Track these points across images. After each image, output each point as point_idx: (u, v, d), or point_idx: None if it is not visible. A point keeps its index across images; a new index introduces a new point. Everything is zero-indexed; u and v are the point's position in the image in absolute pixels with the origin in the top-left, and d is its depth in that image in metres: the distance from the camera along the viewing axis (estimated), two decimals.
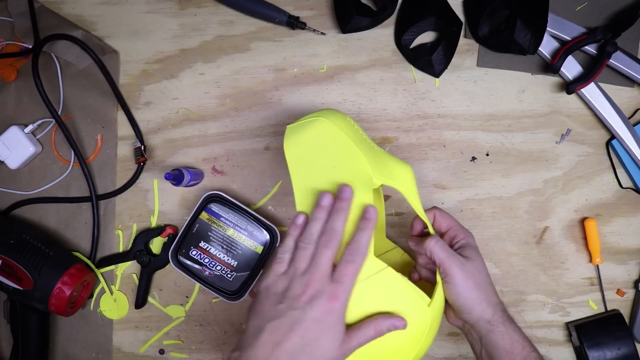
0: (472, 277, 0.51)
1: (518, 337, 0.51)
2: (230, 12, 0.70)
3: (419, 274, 0.58)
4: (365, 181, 0.51)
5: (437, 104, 0.69)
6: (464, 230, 0.56)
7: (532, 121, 0.69)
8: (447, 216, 0.57)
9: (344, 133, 0.53)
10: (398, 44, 0.70)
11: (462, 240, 0.55)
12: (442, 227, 0.57)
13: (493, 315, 0.51)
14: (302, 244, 0.48)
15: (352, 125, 0.55)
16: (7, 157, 0.68)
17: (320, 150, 0.53)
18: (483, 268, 0.54)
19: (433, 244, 0.52)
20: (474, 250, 0.54)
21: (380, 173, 0.52)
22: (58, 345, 0.69)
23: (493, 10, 0.67)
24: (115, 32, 0.71)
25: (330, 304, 0.45)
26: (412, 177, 0.55)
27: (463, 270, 0.51)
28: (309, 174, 0.52)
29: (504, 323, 0.51)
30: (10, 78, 0.70)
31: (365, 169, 0.52)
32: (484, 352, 0.52)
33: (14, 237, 0.63)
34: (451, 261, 0.51)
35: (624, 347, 0.64)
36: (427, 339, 0.51)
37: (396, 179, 0.53)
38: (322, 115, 0.54)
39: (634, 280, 0.69)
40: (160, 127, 0.70)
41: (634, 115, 0.69)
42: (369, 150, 0.53)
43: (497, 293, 0.54)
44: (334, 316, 0.45)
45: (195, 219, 0.65)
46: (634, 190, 0.69)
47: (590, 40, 0.65)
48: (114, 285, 0.69)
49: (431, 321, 0.50)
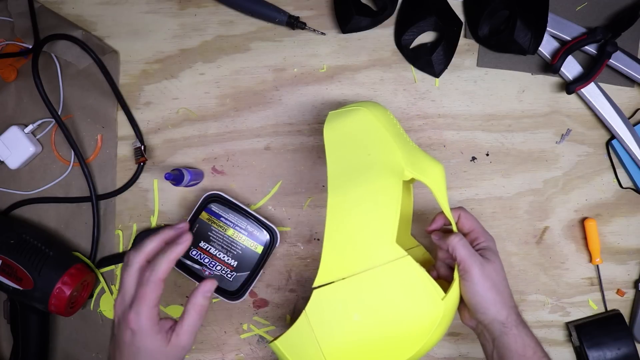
0: (490, 278, 0.52)
1: (530, 341, 0.52)
2: (230, 12, 0.70)
3: (438, 271, 0.59)
4: (396, 171, 0.53)
5: (437, 104, 0.69)
6: (487, 233, 0.57)
7: (532, 121, 0.69)
8: (472, 218, 0.58)
9: (381, 125, 0.55)
10: (398, 44, 0.70)
11: (483, 243, 0.56)
12: (465, 228, 0.58)
13: (507, 317, 0.52)
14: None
15: (391, 119, 0.57)
16: (7, 157, 0.68)
17: (357, 138, 0.55)
18: (501, 271, 0.54)
19: (457, 241, 0.53)
20: (494, 254, 0.55)
21: (412, 167, 0.53)
22: (58, 345, 0.69)
23: (493, 10, 0.67)
24: (115, 32, 0.71)
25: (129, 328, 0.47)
26: (443, 175, 0.56)
27: (482, 270, 0.52)
28: (344, 158, 0.54)
29: (517, 326, 0.52)
30: (10, 78, 0.70)
31: (397, 160, 0.53)
32: (496, 354, 0.52)
33: (14, 237, 0.63)
34: (472, 260, 0.52)
35: (624, 347, 0.64)
36: (437, 333, 0.51)
37: (427, 175, 0.54)
38: (363, 106, 0.56)
39: (634, 280, 0.69)
40: (160, 127, 0.70)
41: (634, 115, 0.69)
42: (404, 144, 0.55)
43: (512, 297, 0.54)
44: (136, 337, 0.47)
45: (195, 219, 0.65)
46: (634, 190, 0.69)
47: (590, 40, 0.65)
48: (114, 285, 0.69)
49: (443, 315, 0.51)
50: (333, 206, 0.52)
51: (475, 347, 0.68)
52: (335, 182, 0.53)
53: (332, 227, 0.52)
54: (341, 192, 0.52)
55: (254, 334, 0.68)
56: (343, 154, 0.54)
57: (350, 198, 0.52)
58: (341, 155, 0.54)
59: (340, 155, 0.54)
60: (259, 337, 0.69)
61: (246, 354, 0.69)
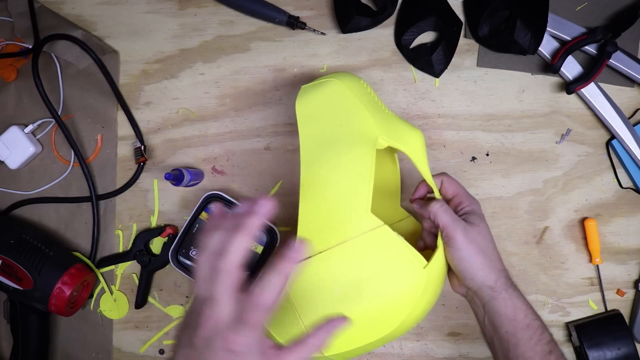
0: (475, 242, 0.51)
1: (521, 304, 0.50)
2: (230, 12, 0.70)
3: (424, 241, 0.58)
4: (369, 140, 0.52)
5: (437, 104, 0.69)
6: (470, 197, 0.56)
7: (532, 121, 0.69)
8: (455, 183, 0.56)
9: (353, 94, 0.54)
10: (398, 44, 0.70)
11: (467, 207, 0.54)
12: (449, 193, 0.56)
13: (496, 281, 0.50)
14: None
15: (364, 87, 0.56)
16: (7, 157, 0.68)
17: (328, 110, 0.54)
18: (487, 234, 0.53)
19: (437, 207, 0.52)
20: (479, 217, 0.53)
21: (388, 135, 0.52)
22: (58, 345, 0.69)
23: (493, 10, 0.67)
24: (115, 32, 0.71)
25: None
26: (422, 142, 0.55)
27: (466, 234, 0.50)
28: (316, 132, 0.53)
29: (507, 290, 0.50)
30: (10, 78, 0.70)
31: (371, 129, 0.52)
32: (487, 320, 0.51)
33: (14, 237, 0.63)
34: (455, 225, 0.51)
35: (624, 347, 0.64)
36: (421, 302, 0.50)
37: (404, 142, 0.54)
38: (334, 77, 0.55)
39: (634, 280, 0.69)
40: (160, 127, 0.70)
41: (634, 115, 0.69)
42: (378, 112, 0.54)
43: (501, 260, 0.53)
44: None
45: (195, 219, 0.65)
46: (634, 190, 0.69)
47: (590, 40, 0.65)
48: (114, 285, 0.69)
49: (426, 284, 0.50)
50: (306, 180, 0.51)
51: (475, 347, 0.68)
52: (308, 156, 0.52)
53: (306, 200, 0.50)
54: (314, 166, 0.51)
55: None
56: (315, 128, 0.53)
57: (323, 171, 0.51)
58: (313, 129, 0.53)
59: (313, 129, 0.53)
60: None
61: None
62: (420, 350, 0.68)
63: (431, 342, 0.68)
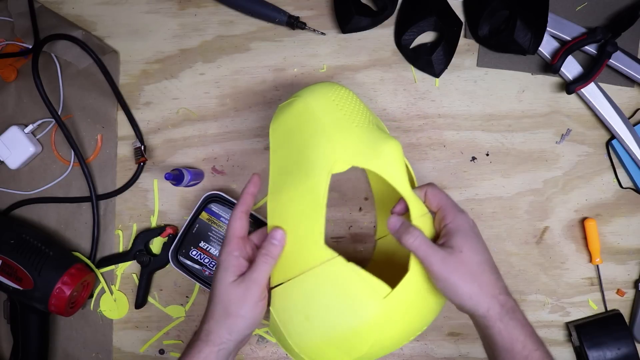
0: (457, 271, 0.46)
1: (519, 334, 0.46)
2: (230, 12, 0.70)
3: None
4: (324, 167, 0.50)
5: (437, 104, 0.69)
6: (455, 209, 0.50)
7: (532, 121, 0.69)
8: (439, 194, 0.52)
9: (320, 113, 0.51)
10: (398, 44, 0.70)
11: (450, 224, 0.49)
12: (433, 206, 0.52)
13: (488, 310, 0.46)
14: None
15: (336, 101, 0.52)
16: (7, 157, 0.68)
17: (295, 133, 0.53)
18: (475, 255, 0.48)
19: (411, 242, 0.48)
20: (464, 235, 0.48)
21: (357, 153, 0.50)
22: (58, 345, 0.69)
23: (493, 10, 0.67)
24: (115, 32, 0.71)
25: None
26: (399, 152, 0.51)
27: (445, 265, 0.46)
28: (282, 159, 0.53)
29: (502, 319, 0.46)
30: (10, 78, 0.70)
31: (328, 154, 0.50)
32: (485, 344, 0.49)
33: (14, 237, 0.63)
34: (431, 259, 0.47)
35: (624, 347, 0.64)
36: (388, 330, 0.48)
37: (377, 156, 0.50)
38: (302, 94, 0.54)
39: (634, 280, 0.69)
40: (160, 127, 0.70)
41: (634, 115, 0.69)
42: (346, 130, 0.51)
43: (497, 281, 0.48)
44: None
45: (195, 219, 0.65)
46: (634, 190, 0.69)
47: (590, 40, 0.65)
48: (114, 285, 0.69)
49: (390, 312, 0.47)
50: (271, 209, 0.52)
51: (475, 347, 0.68)
52: (273, 186, 0.52)
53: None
54: (278, 195, 0.52)
55: (254, 334, 0.68)
56: (281, 155, 0.53)
57: (283, 201, 0.51)
58: (280, 156, 0.53)
59: (279, 155, 0.53)
60: (258, 337, 0.69)
61: (246, 354, 0.69)
62: (420, 350, 0.68)
63: (431, 342, 0.68)
